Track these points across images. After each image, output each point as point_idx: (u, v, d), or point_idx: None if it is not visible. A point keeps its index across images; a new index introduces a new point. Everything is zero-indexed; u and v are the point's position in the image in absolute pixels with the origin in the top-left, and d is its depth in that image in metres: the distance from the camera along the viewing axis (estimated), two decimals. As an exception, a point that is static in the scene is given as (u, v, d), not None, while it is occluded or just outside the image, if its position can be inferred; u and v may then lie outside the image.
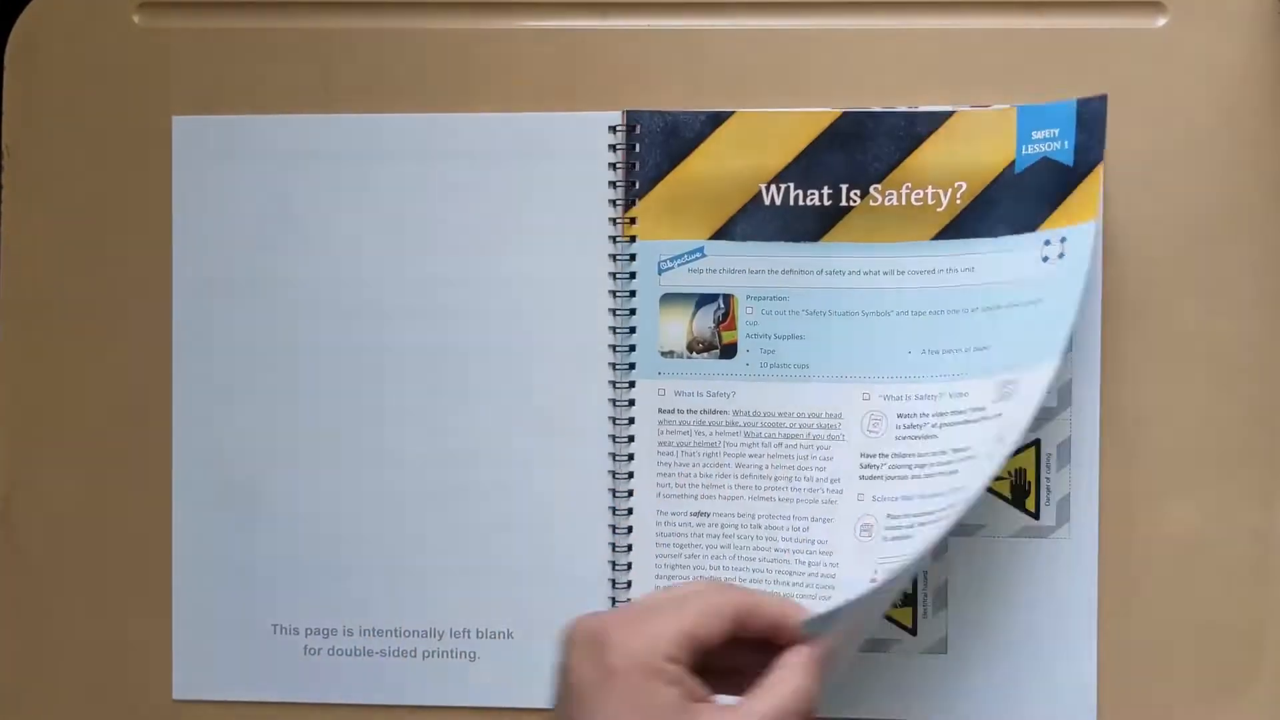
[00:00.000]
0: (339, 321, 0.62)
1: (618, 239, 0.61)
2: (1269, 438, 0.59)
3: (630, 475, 0.61)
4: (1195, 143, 0.59)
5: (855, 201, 0.60)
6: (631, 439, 0.61)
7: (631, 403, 0.61)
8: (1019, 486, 0.60)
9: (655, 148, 0.60)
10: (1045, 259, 0.59)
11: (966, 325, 0.59)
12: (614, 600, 0.61)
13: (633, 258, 0.61)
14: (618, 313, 0.61)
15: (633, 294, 0.61)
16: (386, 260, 0.61)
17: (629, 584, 0.61)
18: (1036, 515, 0.59)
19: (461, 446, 0.61)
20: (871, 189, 0.60)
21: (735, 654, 0.45)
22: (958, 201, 0.59)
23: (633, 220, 0.61)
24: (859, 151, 0.59)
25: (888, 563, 0.58)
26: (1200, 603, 0.59)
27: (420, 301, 0.61)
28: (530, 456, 0.61)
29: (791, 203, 0.60)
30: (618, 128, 0.61)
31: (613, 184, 0.61)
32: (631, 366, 0.61)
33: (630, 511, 0.61)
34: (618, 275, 0.61)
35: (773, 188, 0.60)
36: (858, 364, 0.60)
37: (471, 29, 0.61)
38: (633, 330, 0.61)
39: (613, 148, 0.61)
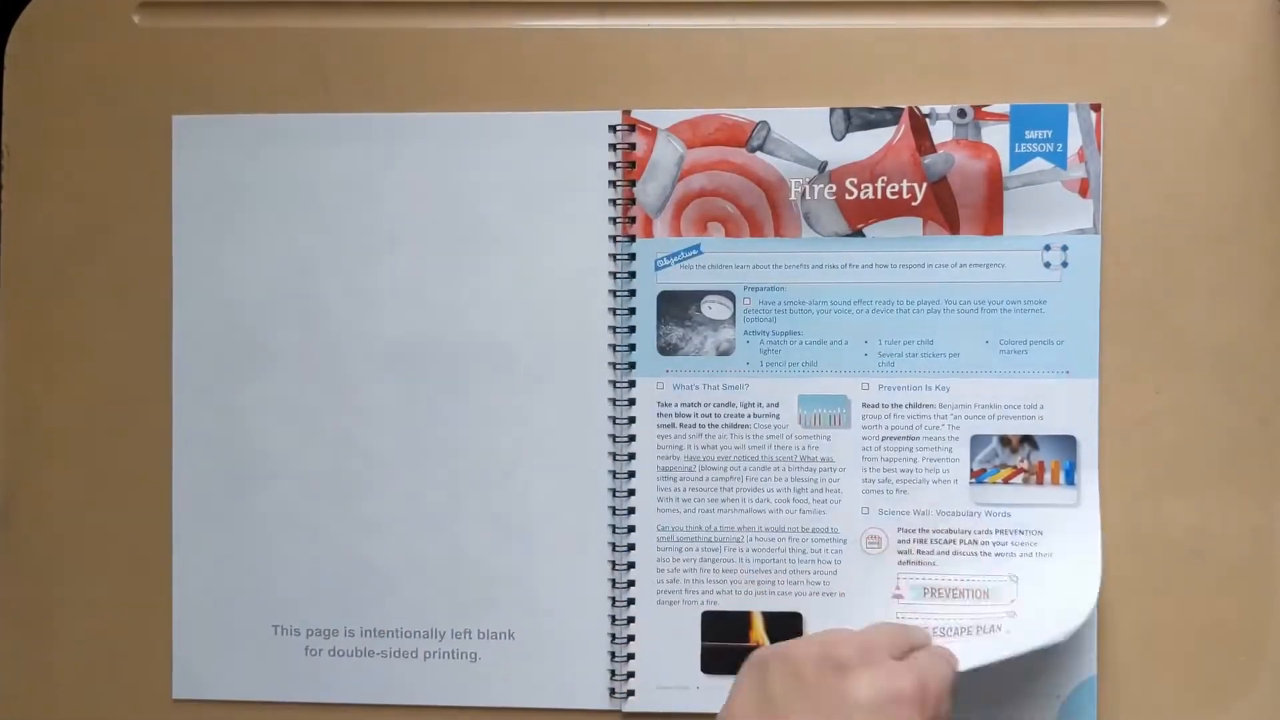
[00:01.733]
0: (338, 321, 0.62)
1: (617, 238, 0.61)
2: (1269, 438, 0.59)
3: (631, 475, 0.61)
4: (1195, 143, 0.59)
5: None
6: (632, 438, 0.61)
7: (632, 402, 0.61)
8: (1019, 486, 0.60)
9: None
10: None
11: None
12: (613, 601, 0.61)
13: (632, 257, 0.61)
14: (618, 312, 0.61)
15: (632, 293, 0.61)
16: (385, 258, 0.61)
17: (630, 583, 0.61)
18: (1036, 515, 0.60)
19: (461, 447, 0.61)
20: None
21: None
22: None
23: (632, 220, 0.61)
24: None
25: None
26: (1200, 603, 0.59)
27: (419, 300, 0.61)
28: (532, 455, 0.61)
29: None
30: (618, 127, 0.61)
31: (613, 183, 0.61)
32: (632, 366, 0.61)
33: (631, 526, 0.61)
34: (617, 274, 0.61)
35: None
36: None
37: (472, 29, 0.61)
38: (633, 330, 0.61)
39: (613, 147, 0.61)
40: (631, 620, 0.61)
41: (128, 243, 0.62)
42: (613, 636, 0.61)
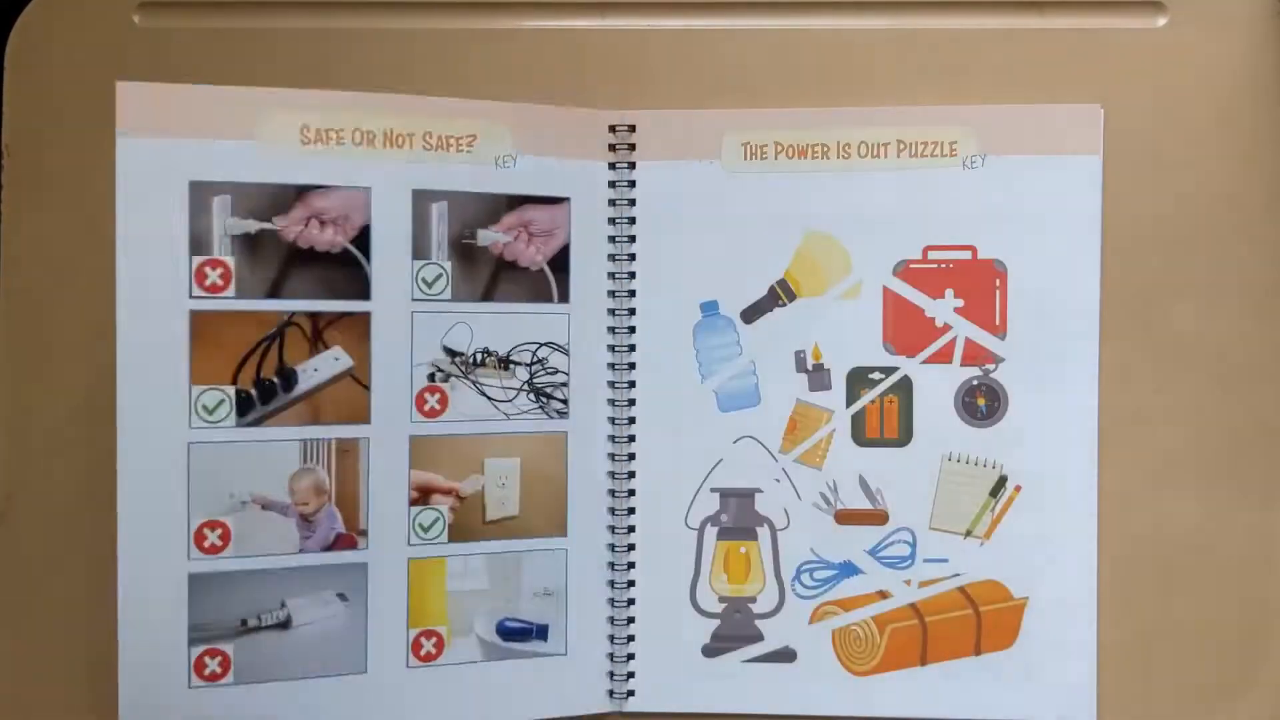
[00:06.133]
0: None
1: (617, 239, 0.61)
2: (1268, 438, 0.59)
3: (631, 475, 0.61)
4: (1195, 143, 0.59)
5: None
6: (632, 439, 0.61)
7: (632, 402, 0.61)
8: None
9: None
10: None
11: None
12: (613, 602, 0.61)
13: (632, 257, 0.61)
14: (617, 312, 0.61)
15: (632, 293, 0.61)
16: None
17: (630, 583, 0.61)
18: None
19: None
20: None
21: None
22: None
23: (632, 220, 0.61)
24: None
25: None
26: (1200, 603, 0.59)
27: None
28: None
29: None
30: (618, 127, 0.61)
31: (612, 184, 0.61)
32: (631, 366, 0.61)
33: (631, 526, 0.61)
34: (616, 275, 0.61)
35: None
36: None
37: (471, 29, 0.61)
38: (632, 330, 0.61)
39: (612, 148, 0.61)
40: (631, 620, 0.61)
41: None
42: (612, 637, 0.61)
